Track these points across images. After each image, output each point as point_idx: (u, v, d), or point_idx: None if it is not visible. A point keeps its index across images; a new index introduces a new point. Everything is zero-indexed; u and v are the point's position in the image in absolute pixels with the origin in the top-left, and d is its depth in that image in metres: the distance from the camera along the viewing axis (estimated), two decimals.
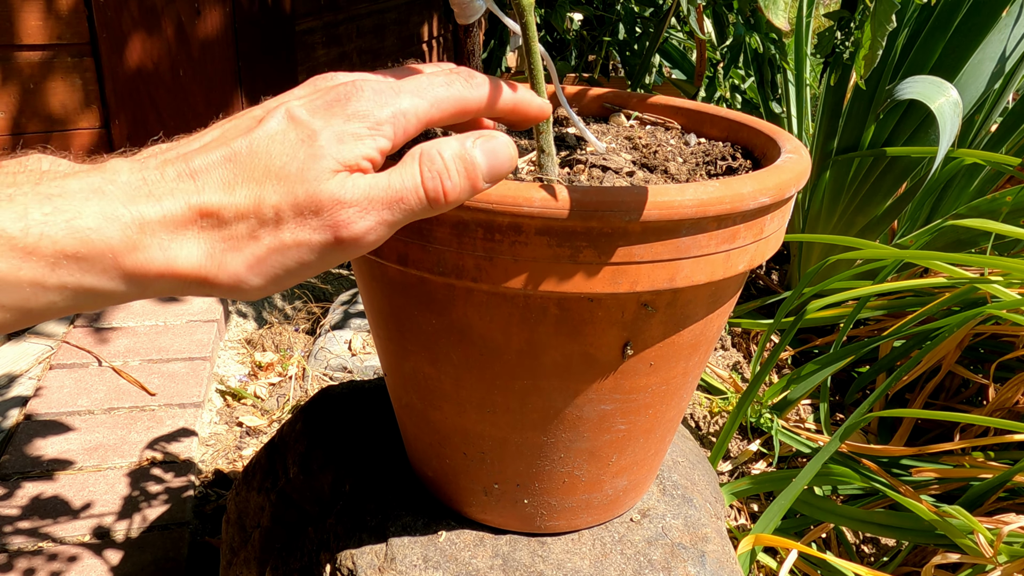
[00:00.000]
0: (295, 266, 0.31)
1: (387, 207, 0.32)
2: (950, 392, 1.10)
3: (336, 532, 0.55)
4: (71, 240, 0.27)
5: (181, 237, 0.30)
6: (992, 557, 0.71)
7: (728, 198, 0.38)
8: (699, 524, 0.56)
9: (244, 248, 0.30)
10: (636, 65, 1.55)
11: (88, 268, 0.28)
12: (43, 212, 0.27)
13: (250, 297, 0.32)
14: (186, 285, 0.30)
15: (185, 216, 0.30)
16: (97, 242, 0.27)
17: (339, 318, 1.45)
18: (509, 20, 0.47)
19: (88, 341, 1.32)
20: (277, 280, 0.32)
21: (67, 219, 0.27)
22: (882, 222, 1.33)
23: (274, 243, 0.31)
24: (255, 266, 0.31)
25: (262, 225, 0.30)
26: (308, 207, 0.30)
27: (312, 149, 0.31)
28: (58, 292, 0.27)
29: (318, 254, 0.31)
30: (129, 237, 0.28)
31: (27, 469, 1.04)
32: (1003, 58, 1.18)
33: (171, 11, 1.68)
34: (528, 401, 0.45)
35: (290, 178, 0.31)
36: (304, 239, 0.31)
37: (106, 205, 0.28)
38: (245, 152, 0.31)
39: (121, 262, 0.28)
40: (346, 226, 0.31)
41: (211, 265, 0.30)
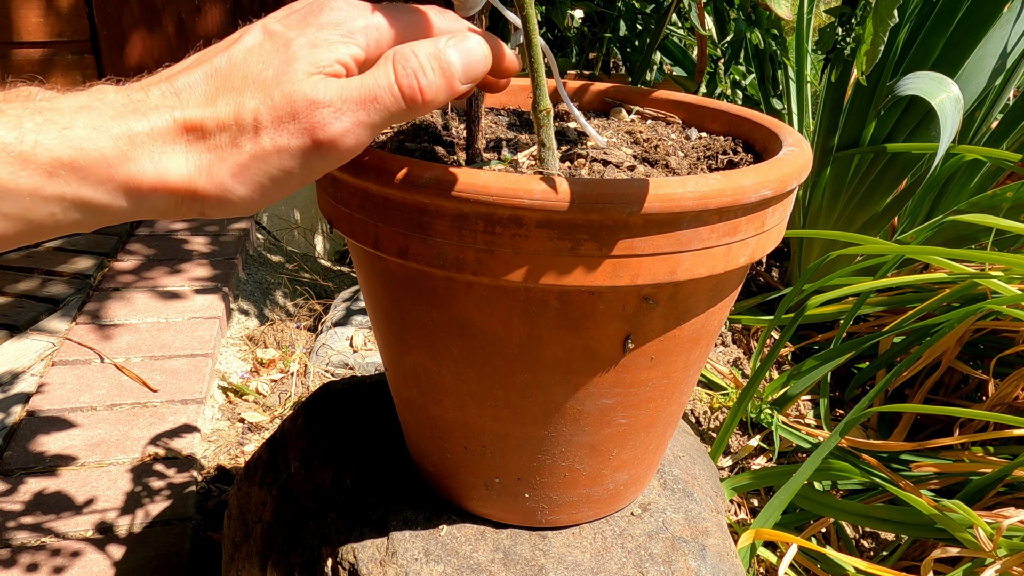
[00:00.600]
0: (278, 173, 0.32)
1: (362, 107, 0.31)
2: (950, 388, 1.10)
3: (337, 526, 0.55)
4: (65, 148, 0.27)
5: (170, 150, 0.30)
6: (992, 551, 0.71)
7: (730, 191, 0.38)
8: (700, 518, 0.56)
9: (228, 157, 0.31)
10: (637, 62, 1.55)
11: (84, 178, 0.28)
12: (35, 123, 0.27)
13: (240, 211, 0.32)
14: (179, 201, 0.31)
15: (171, 129, 0.30)
16: (91, 151, 0.28)
17: (341, 315, 1.45)
18: (510, 13, 0.47)
19: (90, 338, 1.32)
20: (263, 189, 0.32)
21: (59, 129, 0.28)
22: (883, 218, 1.33)
23: (255, 150, 0.31)
24: (239, 174, 0.31)
25: (242, 133, 0.31)
26: (285, 110, 0.31)
27: (286, 54, 0.32)
28: (57, 203, 0.28)
29: (299, 160, 0.31)
30: (120, 148, 0.29)
31: (30, 465, 1.04)
32: (1004, 54, 1.18)
33: (172, 8, 1.68)
34: (529, 395, 0.45)
35: (266, 83, 0.31)
36: (283, 144, 0.31)
37: (95, 118, 0.29)
38: (224, 66, 0.32)
39: (114, 173, 0.29)
40: (322, 127, 0.31)
41: (199, 176, 0.31)
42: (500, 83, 0.40)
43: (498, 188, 0.36)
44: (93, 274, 1.52)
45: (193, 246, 1.67)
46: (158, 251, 1.63)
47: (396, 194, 0.39)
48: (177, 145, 0.30)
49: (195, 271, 1.56)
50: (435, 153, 0.49)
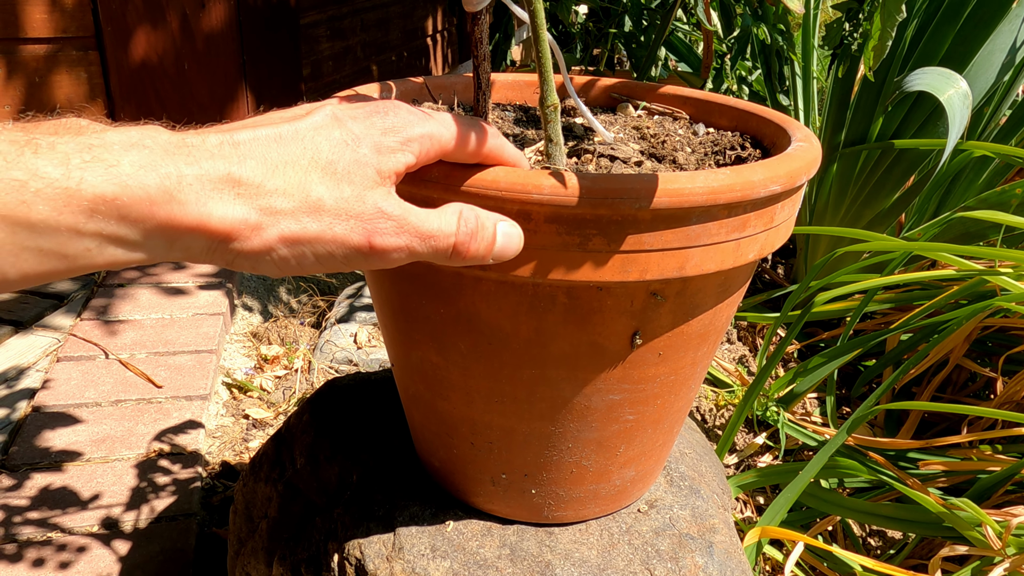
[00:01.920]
0: (324, 255, 0.33)
1: (418, 237, 0.34)
2: (957, 385, 1.10)
3: (344, 522, 0.55)
4: (109, 186, 0.27)
5: (218, 196, 0.30)
6: (1000, 549, 0.71)
7: (739, 186, 0.38)
8: (706, 515, 0.56)
9: (282, 223, 0.32)
10: (642, 58, 1.55)
11: (123, 216, 0.28)
12: (83, 159, 0.27)
13: (269, 270, 0.33)
14: (213, 245, 0.31)
15: (225, 180, 0.30)
16: (135, 188, 0.28)
17: (344, 311, 1.45)
18: (517, 8, 0.46)
19: (95, 334, 1.32)
20: (302, 261, 0.33)
21: (106, 167, 0.28)
22: (890, 215, 1.32)
23: (312, 228, 0.32)
24: (289, 241, 0.32)
25: (305, 208, 0.32)
26: (351, 208, 0.33)
27: (356, 153, 0.33)
28: (92, 239, 0.28)
29: (346, 252, 0.33)
30: (166, 187, 0.29)
31: (36, 460, 1.04)
32: (1013, 49, 1.17)
33: (176, 4, 1.68)
34: (536, 391, 0.45)
35: (337, 176, 0.32)
36: (341, 234, 0.33)
37: (145, 157, 0.29)
38: (290, 136, 0.32)
39: (156, 211, 0.29)
40: (381, 236, 0.33)
41: (245, 228, 0.31)
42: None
43: (507, 183, 0.36)
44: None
45: None
46: None
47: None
48: (226, 193, 0.30)
49: (199, 267, 1.56)
50: None
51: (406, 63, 2.67)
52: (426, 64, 2.86)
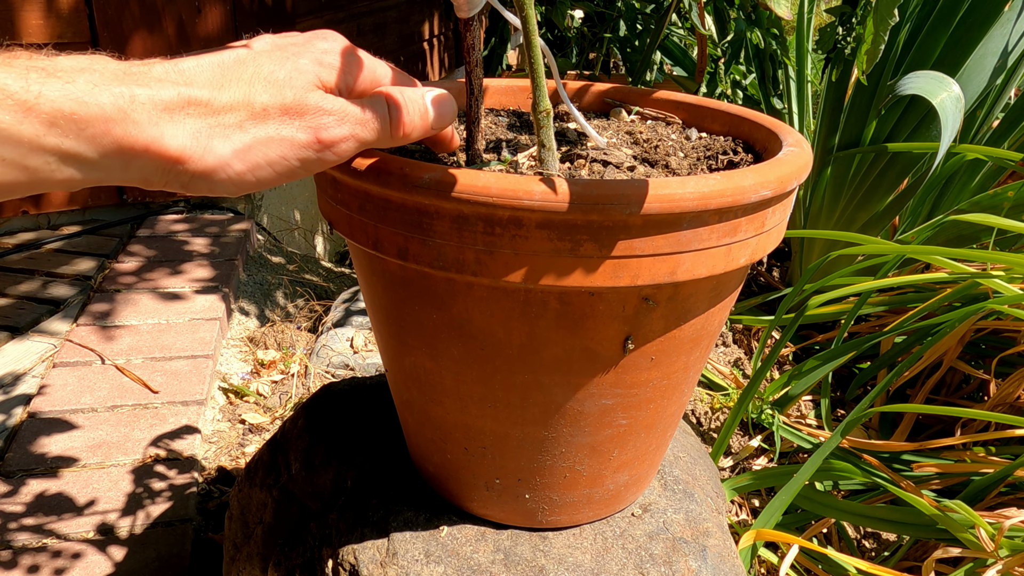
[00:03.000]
0: (277, 159, 0.35)
1: (359, 123, 0.37)
2: (951, 388, 1.10)
3: (338, 527, 0.55)
4: (66, 101, 0.29)
5: (168, 118, 0.32)
6: (993, 551, 0.71)
7: (729, 191, 0.38)
8: (700, 519, 0.56)
9: (232, 135, 0.33)
10: (637, 62, 1.55)
11: (80, 131, 0.29)
12: (39, 76, 0.29)
13: (226, 189, 0.34)
14: (166, 168, 0.32)
15: (175, 101, 0.32)
16: (91, 105, 0.29)
17: (341, 316, 1.45)
18: (509, 14, 0.47)
19: (91, 339, 1.32)
20: (257, 171, 0.35)
21: (61, 84, 0.29)
22: (883, 218, 1.32)
23: (261, 135, 0.34)
24: (241, 153, 0.34)
25: (251, 117, 0.34)
26: (294, 109, 0.35)
27: (296, 65, 0.36)
28: (53, 154, 0.29)
29: (297, 152, 0.35)
30: (119, 107, 0.30)
31: (31, 466, 1.04)
32: (1005, 53, 1.18)
33: (172, 9, 1.68)
34: (529, 396, 0.45)
35: (278, 83, 0.35)
36: (288, 135, 0.35)
37: (97, 78, 0.30)
38: (232, 60, 0.35)
39: (111, 129, 0.30)
40: (326, 129, 0.35)
41: (196, 147, 0.32)
42: (441, 151, 0.48)
43: (498, 189, 0.36)
44: (94, 275, 1.52)
45: (194, 247, 1.67)
46: (159, 252, 1.63)
47: (396, 195, 0.39)
48: (177, 116, 0.32)
49: (196, 272, 1.56)
50: (435, 154, 0.49)
51: (403, 67, 2.68)
52: (423, 69, 2.86)
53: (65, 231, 1.71)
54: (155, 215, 1.81)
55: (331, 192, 0.44)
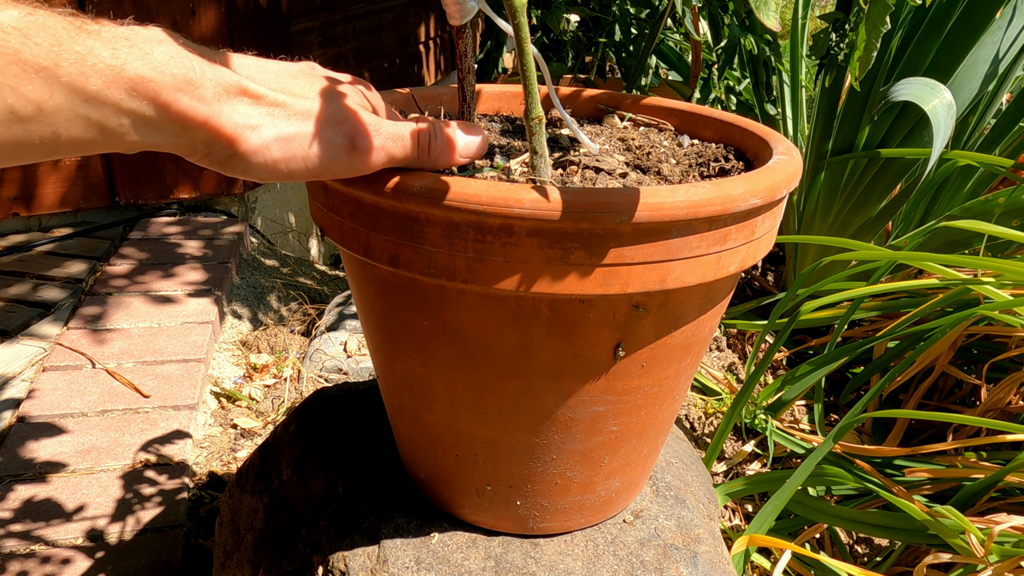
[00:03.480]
0: (312, 155, 0.37)
1: (390, 138, 0.39)
2: (943, 393, 1.11)
3: (329, 534, 0.55)
4: (147, 69, 0.32)
5: (228, 98, 0.35)
6: (983, 557, 0.71)
7: (719, 199, 0.38)
8: (692, 525, 0.56)
9: (279, 124, 0.37)
10: (632, 67, 1.55)
11: (154, 98, 0.32)
12: (125, 45, 0.32)
13: (259, 172, 0.37)
14: (214, 142, 0.35)
15: (235, 87, 0.35)
16: (167, 74, 0.33)
17: (334, 319, 1.44)
18: (502, 21, 0.47)
19: (82, 343, 1.32)
20: (291, 161, 0.37)
21: (143, 53, 0.32)
22: (877, 223, 1.33)
23: (304, 129, 0.37)
24: (283, 141, 0.37)
25: (298, 114, 0.37)
26: (337, 117, 0.38)
27: (345, 87, 0.40)
28: (128, 116, 0.32)
29: (332, 153, 0.38)
30: (189, 79, 0.33)
31: (19, 472, 1.03)
32: (996, 60, 1.18)
33: (166, 11, 1.68)
34: (520, 402, 0.45)
35: (326, 96, 0.39)
36: (327, 136, 0.38)
37: (172, 50, 0.33)
38: (287, 72, 0.40)
39: (179, 98, 0.33)
40: (361, 137, 0.38)
41: (246, 128, 0.36)
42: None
43: (488, 197, 0.36)
44: (85, 278, 1.51)
45: (186, 250, 1.66)
46: (151, 255, 1.63)
47: (387, 202, 0.39)
48: (234, 99, 0.35)
49: (188, 275, 1.55)
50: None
51: (398, 70, 2.68)
52: (418, 71, 2.86)
53: (56, 233, 1.70)
54: (148, 217, 1.81)
55: (322, 198, 0.44)
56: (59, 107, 0.30)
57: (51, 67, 0.29)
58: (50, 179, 1.69)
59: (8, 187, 1.65)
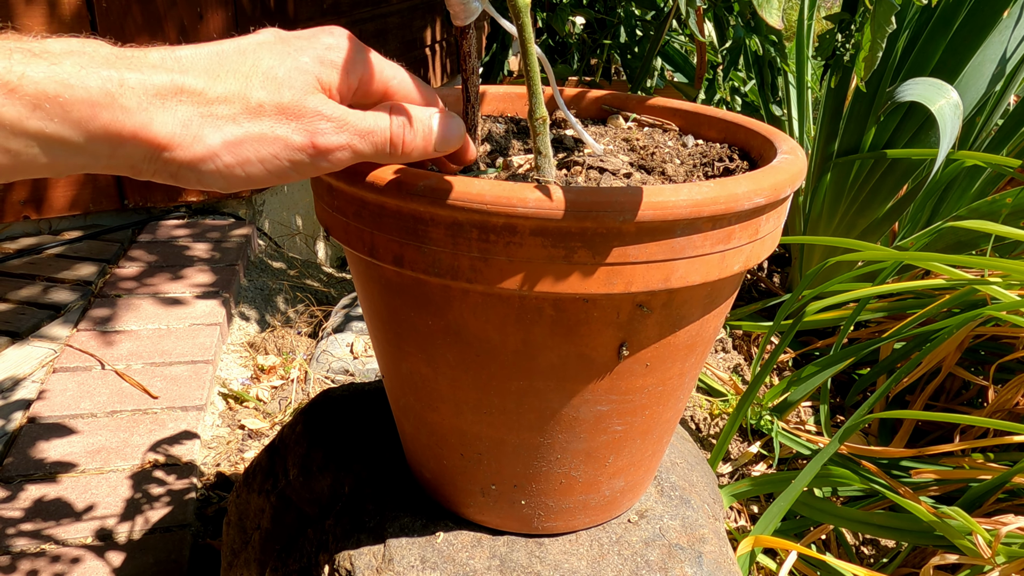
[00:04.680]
0: (268, 157, 0.33)
1: (357, 134, 0.35)
2: (950, 394, 1.10)
3: (335, 533, 0.55)
4: (51, 83, 0.28)
5: (161, 103, 0.31)
6: (990, 558, 0.71)
7: (723, 198, 0.38)
8: (697, 525, 0.56)
9: (224, 127, 0.32)
10: (637, 68, 1.55)
11: (65, 115, 0.28)
12: (24, 56, 0.28)
13: (215, 181, 0.33)
14: (154, 156, 0.31)
15: (167, 88, 0.31)
16: (77, 88, 0.28)
17: (340, 321, 1.45)
18: (506, 22, 0.47)
19: (91, 345, 1.33)
20: (247, 166, 0.33)
21: (47, 65, 0.28)
22: (883, 224, 1.33)
23: (254, 130, 0.33)
24: (231, 145, 0.32)
25: (246, 112, 0.33)
26: (292, 110, 0.33)
27: (297, 63, 0.34)
28: (36, 138, 0.28)
29: (291, 153, 0.34)
30: (108, 90, 0.29)
31: (30, 472, 1.04)
32: (1004, 59, 1.18)
33: (174, 15, 1.69)
34: (524, 402, 0.45)
35: (277, 80, 0.33)
36: (283, 135, 0.33)
37: (86, 61, 0.29)
38: (232, 50, 0.34)
39: (98, 113, 0.29)
40: (322, 135, 0.34)
41: (186, 135, 0.31)
42: (452, 167, 0.45)
43: (492, 196, 0.37)
44: (95, 281, 1.52)
45: (195, 252, 1.67)
46: (159, 257, 1.64)
47: (391, 202, 0.39)
48: (168, 102, 0.31)
49: (196, 277, 1.56)
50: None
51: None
52: (425, 74, 2.87)
53: (66, 236, 1.71)
54: (156, 220, 1.82)
55: (327, 199, 0.45)
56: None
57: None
58: (60, 183, 1.70)
59: (19, 191, 1.66)
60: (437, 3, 2.84)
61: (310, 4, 2.04)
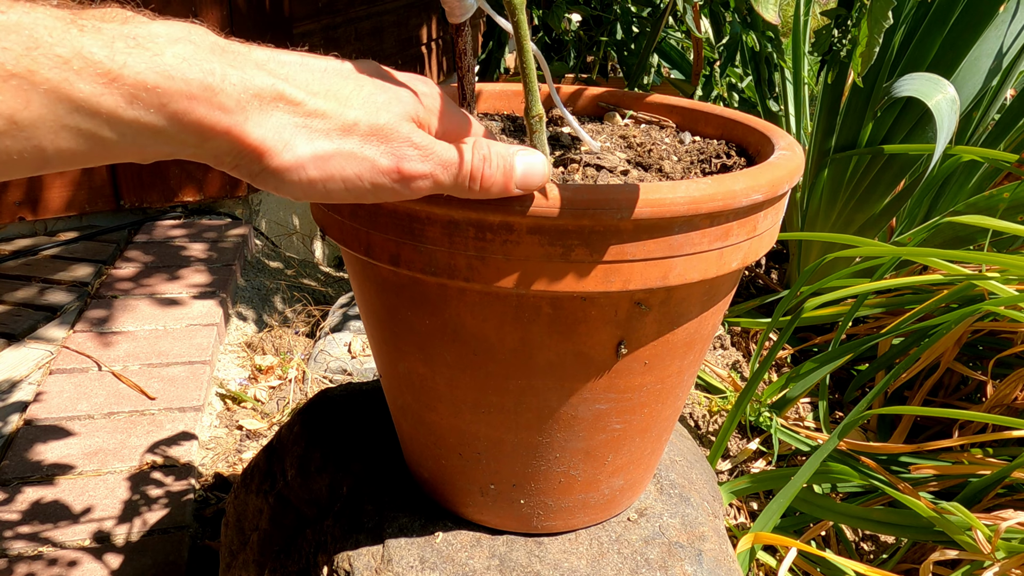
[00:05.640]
0: (352, 176, 0.34)
1: (440, 165, 0.35)
2: (949, 389, 1.10)
3: (333, 534, 0.55)
4: (151, 74, 0.28)
5: (259, 105, 0.31)
6: (990, 553, 0.71)
7: (720, 195, 0.38)
8: (696, 523, 0.56)
9: (316, 140, 0.33)
10: (633, 65, 1.55)
11: (162, 107, 0.28)
12: (127, 45, 0.28)
13: (294, 191, 0.33)
14: (241, 155, 0.31)
15: (267, 92, 0.31)
16: (177, 79, 0.28)
17: (338, 320, 1.45)
18: (501, 19, 0.47)
19: (88, 346, 1.32)
20: (329, 181, 0.33)
21: (151, 55, 0.28)
22: (881, 220, 1.32)
23: (345, 147, 0.33)
24: (320, 159, 0.33)
25: (339, 128, 0.33)
26: (384, 133, 0.34)
27: (397, 94, 0.36)
28: (129, 127, 0.28)
29: (375, 176, 0.34)
30: (208, 84, 0.29)
31: (27, 474, 1.04)
32: (1000, 54, 1.18)
33: (168, 14, 1.68)
34: (523, 401, 0.45)
35: (376, 104, 0.34)
36: (371, 156, 0.34)
37: (190, 51, 0.29)
38: (336, 71, 0.35)
39: (195, 107, 0.29)
40: (408, 160, 0.34)
41: (278, 142, 0.32)
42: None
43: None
44: (91, 282, 1.52)
45: (191, 252, 1.67)
46: (156, 258, 1.63)
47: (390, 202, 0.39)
48: (266, 106, 0.31)
49: (193, 278, 1.56)
50: None
51: (401, 71, 2.68)
52: (421, 72, 2.87)
53: (62, 237, 1.71)
54: (152, 220, 1.81)
55: None
56: (38, 118, 0.26)
57: (23, 73, 0.26)
58: (55, 183, 1.70)
59: (14, 192, 1.66)
60: (433, 1, 2.83)
61: (306, 3, 2.03)
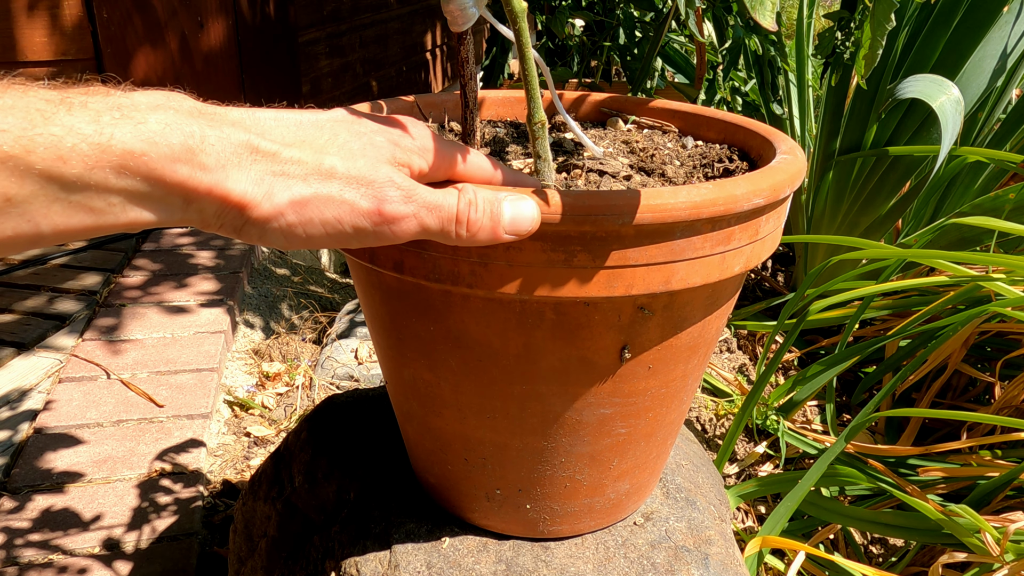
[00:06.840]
0: (332, 220, 0.34)
1: (425, 207, 0.35)
2: (957, 391, 1.10)
3: (341, 540, 0.55)
4: (137, 142, 0.29)
5: (237, 161, 0.32)
6: (999, 556, 0.71)
7: (722, 200, 0.38)
8: (703, 527, 0.56)
9: (293, 186, 0.33)
10: (637, 70, 1.55)
11: (149, 172, 0.29)
12: (113, 117, 0.29)
13: (276, 239, 0.34)
14: (224, 211, 0.32)
15: (244, 146, 0.32)
16: (161, 145, 0.29)
17: (345, 327, 1.45)
18: (503, 27, 0.47)
19: (97, 354, 1.33)
20: (308, 226, 0.34)
21: (135, 123, 0.29)
22: (886, 222, 1.32)
23: (322, 191, 0.33)
24: (298, 204, 0.33)
25: (316, 173, 0.33)
26: (362, 177, 0.34)
27: (372, 140, 0.35)
28: (118, 195, 0.29)
29: (356, 219, 0.34)
30: (189, 146, 0.30)
31: (37, 482, 1.04)
32: (1004, 55, 1.18)
33: (175, 24, 1.70)
34: (527, 406, 0.45)
35: (352, 151, 0.34)
36: (351, 199, 0.34)
37: (170, 117, 0.30)
38: (310, 122, 0.35)
39: (177, 169, 0.30)
40: (391, 202, 0.34)
41: (257, 192, 0.32)
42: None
43: None
44: (100, 290, 1.53)
45: (199, 260, 1.68)
46: (164, 266, 1.64)
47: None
48: (244, 159, 0.32)
49: (201, 285, 1.57)
50: None
51: (405, 78, 2.69)
52: (425, 78, 2.88)
53: (71, 246, 1.72)
54: (160, 229, 1.82)
55: None
56: (31, 195, 0.27)
57: (20, 155, 0.27)
58: None
59: None
60: (437, 8, 2.84)
61: (311, 11, 2.05)
